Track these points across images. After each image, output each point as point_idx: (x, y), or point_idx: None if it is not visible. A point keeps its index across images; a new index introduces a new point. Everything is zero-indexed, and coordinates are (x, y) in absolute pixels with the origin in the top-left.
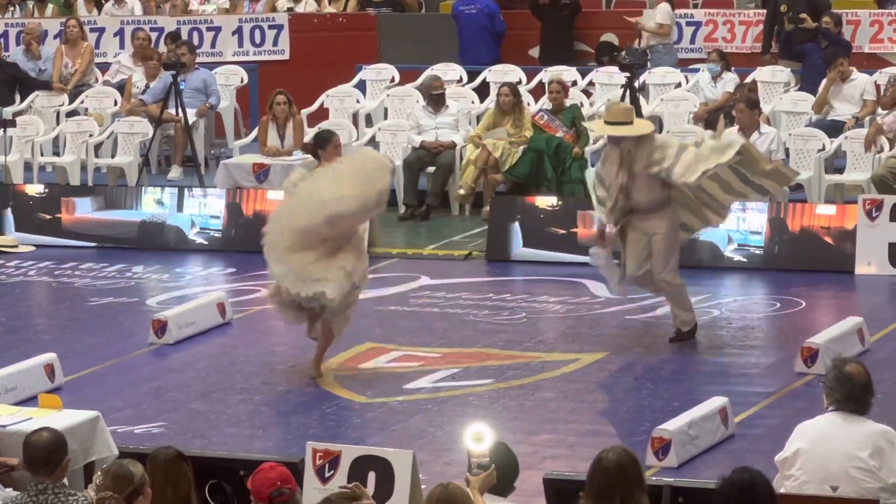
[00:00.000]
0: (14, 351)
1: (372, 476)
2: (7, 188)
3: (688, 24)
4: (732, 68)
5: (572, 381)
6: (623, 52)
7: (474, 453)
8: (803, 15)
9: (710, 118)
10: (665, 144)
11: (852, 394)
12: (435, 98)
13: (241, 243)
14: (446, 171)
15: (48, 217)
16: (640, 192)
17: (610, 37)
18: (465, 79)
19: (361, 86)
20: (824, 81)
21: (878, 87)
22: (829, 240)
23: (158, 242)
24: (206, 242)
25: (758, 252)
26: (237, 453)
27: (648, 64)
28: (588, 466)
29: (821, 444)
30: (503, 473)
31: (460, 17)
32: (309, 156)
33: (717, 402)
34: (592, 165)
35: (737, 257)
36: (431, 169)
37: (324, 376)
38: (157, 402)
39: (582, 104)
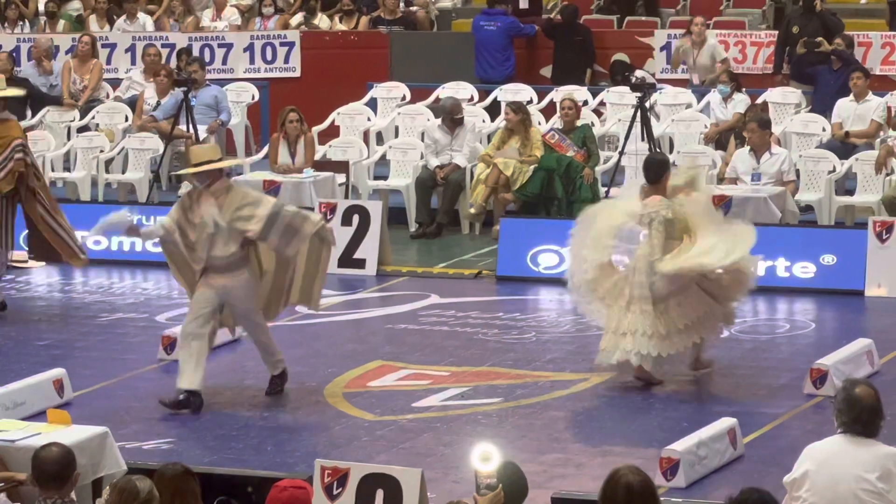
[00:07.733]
0: (23, 365)
1: (380, 494)
2: None
3: None
4: (743, 89)
5: (581, 400)
6: (636, 73)
7: (482, 473)
8: (819, 38)
9: (720, 139)
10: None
11: (860, 417)
12: (456, 121)
13: None
14: (456, 189)
15: None
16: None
17: (622, 56)
18: (477, 97)
19: (372, 104)
20: (839, 104)
21: (889, 109)
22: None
23: None
24: None
25: None
26: (245, 469)
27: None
28: (596, 486)
29: (829, 465)
30: (512, 493)
31: (480, 32)
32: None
33: (726, 422)
34: (604, 185)
35: None
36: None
37: None
38: (166, 419)
39: (593, 123)
